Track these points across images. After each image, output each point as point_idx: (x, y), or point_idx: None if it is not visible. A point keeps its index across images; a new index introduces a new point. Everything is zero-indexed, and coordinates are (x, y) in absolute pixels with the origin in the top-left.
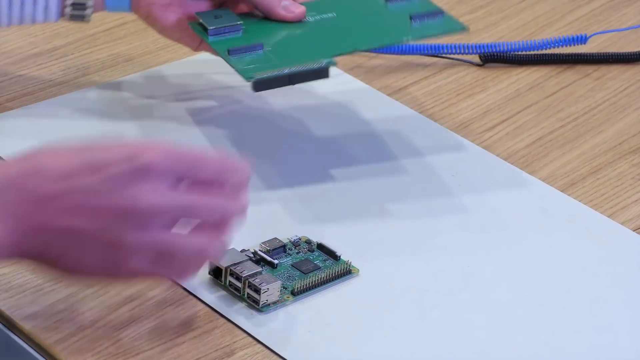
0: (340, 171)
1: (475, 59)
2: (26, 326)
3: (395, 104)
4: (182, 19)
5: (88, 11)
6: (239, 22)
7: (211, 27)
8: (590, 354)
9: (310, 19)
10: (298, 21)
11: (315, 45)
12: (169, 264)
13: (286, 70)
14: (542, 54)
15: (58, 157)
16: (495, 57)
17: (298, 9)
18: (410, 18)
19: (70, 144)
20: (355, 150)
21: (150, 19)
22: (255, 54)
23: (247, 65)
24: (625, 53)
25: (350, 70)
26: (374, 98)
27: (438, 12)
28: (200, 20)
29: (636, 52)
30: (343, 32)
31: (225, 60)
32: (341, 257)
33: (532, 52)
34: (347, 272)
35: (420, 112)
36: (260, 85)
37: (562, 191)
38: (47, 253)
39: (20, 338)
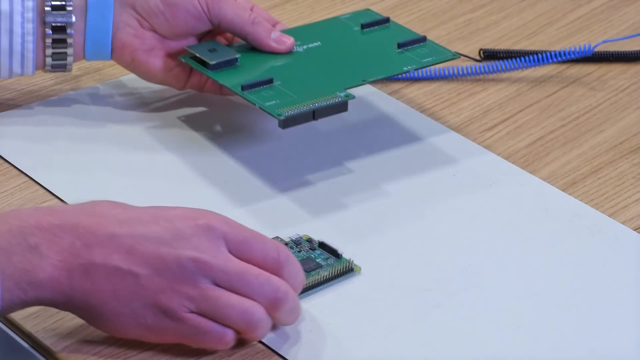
0: (341, 170)
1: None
2: (27, 326)
3: (396, 102)
4: (167, 61)
5: (69, 59)
6: (236, 56)
7: (212, 62)
8: (591, 353)
9: (297, 48)
10: (288, 52)
11: (324, 78)
12: (215, 319)
13: (311, 106)
14: (543, 52)
15: (116, 206)
16: (495, 55)
17: (289, 41)
18: (399, 46)
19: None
20: (356, 149)
21: (134, 65)
22: (270, 88)
23: (269, 101)
24: (626, 52)
25: None
26: (374, 97)
27: (421, 39)
28: (196, 54)
29: (637, 51)
30: (341, 63)
31: (240, 95)
32: (343, 256)
33: (532, 52)
34: (349, 270)
35: (420, 111)
36: (289, 121)
37: (563, 190)
38: (93, 296)
39: (21, 338)
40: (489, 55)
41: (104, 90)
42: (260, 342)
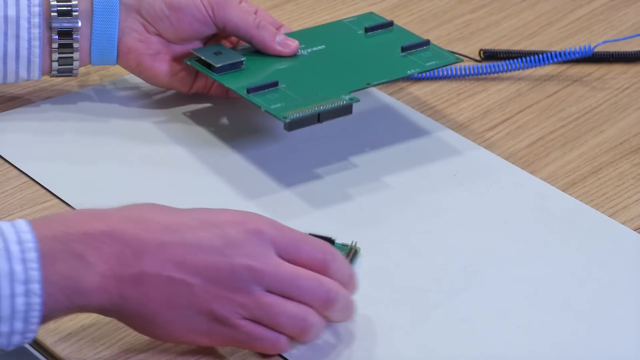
0: (341, 170)
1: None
2: None
3: (397, 102)
4: (172, 65)
5: (75, 64)
6: (241, 59)
7: (218, 65)
8: (591, 353)
9: (302, 52)
10: (293, 55)
11: (329, 81)
12: (269, 326)
13: (316, 109)
14: (543, 52)
15: (161, 211)
16: (495, 55)
17: (293, 44)
18: (402, 49)
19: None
20: (355, 149)
21: (139, 69)
22: (275, 91)
23: (275, 104)
24: (626, 52)
25: None
26: (375, 97)
27: (425, 43)
28: (202, 57)
29: (637, 51)
30: (346, 66)
31: (246, 98)
32: (336, 241)
33: (533, 52)
34: (350, 253)
35: (421, 111)
36: (294, 124)
37: (563, 191)
38: (145, 305)
39: None
40: (489, 55)
41: (108, 88)
42: None
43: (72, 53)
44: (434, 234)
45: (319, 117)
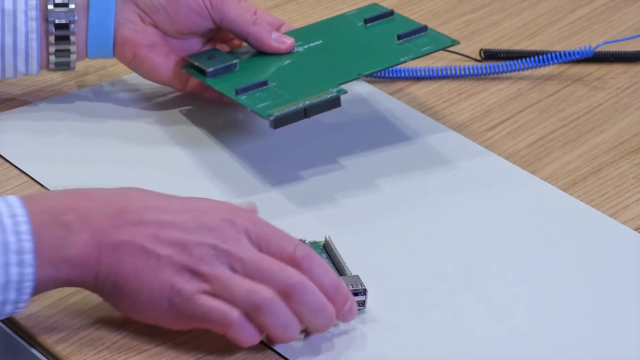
0: (340, 169)
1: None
2: (27, 325)
3: (397, 102)
4: (168, 58)
5: (73, 57)
6: (234, 61)
7: (210, 69)
8: (592, 353)
9: (299, 49)
10: (289, 52)
11: (319, 75)
12: (224, 299)
13: (301, 104)
14: (544, 52)
15: (145, 194)
16: (496, 55)
17: (289, 40)
18: (398, 37)
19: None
20: (356, 149)
21: (135, 62)
22: (264, 90)
23: (261, 103)
24: (626, 52)
25: None
26: (375, 96)
27: (422, 29)
28: (195, 63)
29: (637, 51)
30: (339, 59)
31: (234, 99)
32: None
33: (533, 52)
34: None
35: (421, 111)
36: (280, 121)
37: (563, 191)
38: (118, 273)
39: (21, 337)
40: (489, 55)
41: (106, 89)
42: (262, 341)
43: (69, 46)
44: (434, 234)
45: (305, 112)
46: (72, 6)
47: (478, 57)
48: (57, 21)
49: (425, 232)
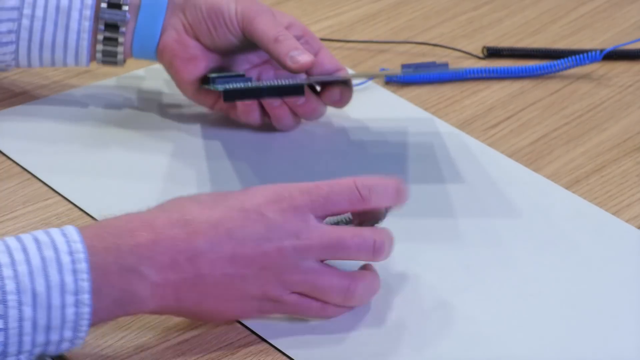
0: (342, 167)
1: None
2: None
3: (399, 100)
4: (202, 74)
5: (119, 57)
6: (242, 73)
7: (212, 75)
8: (595, 351)
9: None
10: (305, 67)
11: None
12: (317, 299)
13: (258, 84)
14: (547, 50)
15: (200, 206)
16: (499, 53)
17: (303, 60)
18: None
19: (202, 194)
20: (358, 146)
21: (172, 70)
22: (238, 79)
23: (226, 85)
24: (629, 50)
25: (354, 67)
26: (377, 94)
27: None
28: (208, 75)
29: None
30: None
31: (214, 89)
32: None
33: (536, 48)
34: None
35: (424, 109)
36: (231, 94)
37: (566, 188)
38: (202, 303)
39: None
40: (492, 52)
41: (110, 86)
42: (264, 339)
43: (116, 47)
44: (435, 232)
45: (260, 91)
46: (125, 7)
47: (480, 55)
48: (107, 20)
49: (427, 229)
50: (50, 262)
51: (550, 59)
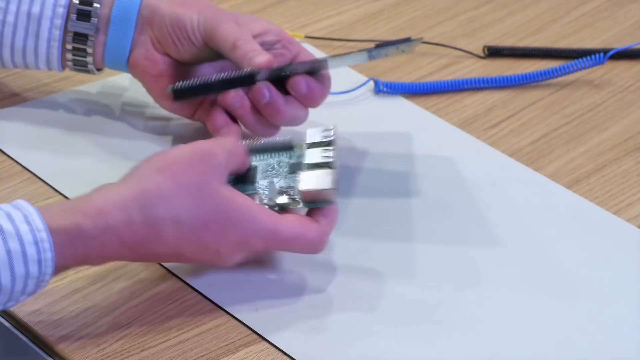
0: (342, 167)
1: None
2: (30, 323)
3: (399, 99)
4: (168, 78)
5: (90, 67)
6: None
7: (175, 85)
8: (596, 351)
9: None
10: (263, 67)
11: None
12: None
13: (206, 78)
14: (547, 49)
15: (171, 208)
16: (500, 52)
17: (259, 60)
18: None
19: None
20: (358, 146)
21: (145, 86)
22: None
23: (176, 84)
24: (630, 50)
25: (355, 66)
26: (377, 94)
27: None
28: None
29: None
30: None
31: (168, 91)
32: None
33: (537, 48)
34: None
35: (424, 108)
36: (180, 93)
37: (567, 188)
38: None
39: (24, 335)
40: (493, 52)
41: (109, 86)
42: (265, 339)
43: (85, 57)
44: (436, 231)
45: (210, 86)
46: (94, 19)
47: (481, 54)
48: (76, 31)
49: (428, 229)
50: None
51: (551, 59)
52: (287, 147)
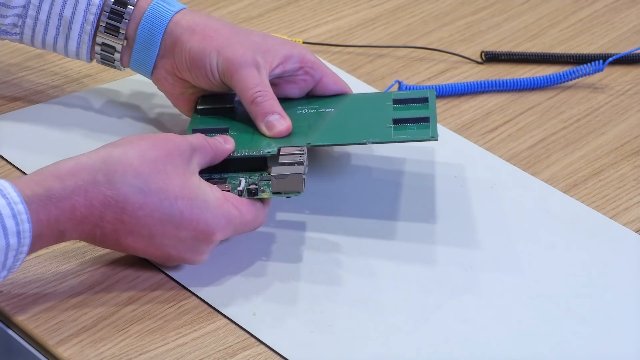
0: (342, 171)
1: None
2: (29, 327)
3: None
4: (194, 104)
5: (116, 55)
6: (228, 105)
7: (200, 107)
8: (592, 354)
9: (303, 110)
10: (280, 136)
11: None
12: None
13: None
14: (545, 54)
15: (144, 202)
16: (497, 57)
17: (280, 127)
18: (393, 121)
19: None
20: (357, 151)
21: (167, 96)
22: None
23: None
24: (627, 54)
25: (353, 71)
26: None
27: (424, 119)
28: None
29: (638, 54)
30: (320, 126)
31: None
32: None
33: (534, 53)
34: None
35: None
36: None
37: (564, 192)
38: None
39: (23, 339)
40: (490, 57)
41: (111, 90)
42: (263, 342)
43: (113, 62)
44: (435, 235)
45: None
46: (122, 31)
47: (479, 59)
48: (103, 43)
49: (426, 233)
50: None
51: (549, 64)
52: (261, 166)
